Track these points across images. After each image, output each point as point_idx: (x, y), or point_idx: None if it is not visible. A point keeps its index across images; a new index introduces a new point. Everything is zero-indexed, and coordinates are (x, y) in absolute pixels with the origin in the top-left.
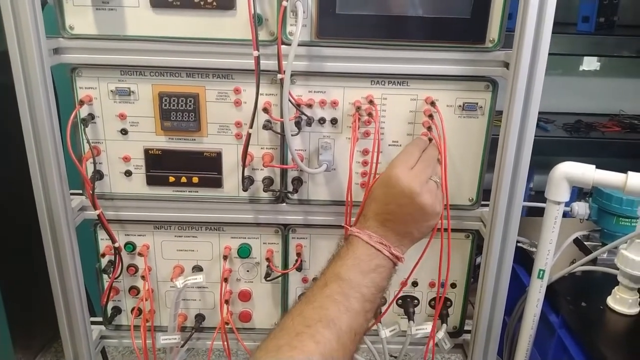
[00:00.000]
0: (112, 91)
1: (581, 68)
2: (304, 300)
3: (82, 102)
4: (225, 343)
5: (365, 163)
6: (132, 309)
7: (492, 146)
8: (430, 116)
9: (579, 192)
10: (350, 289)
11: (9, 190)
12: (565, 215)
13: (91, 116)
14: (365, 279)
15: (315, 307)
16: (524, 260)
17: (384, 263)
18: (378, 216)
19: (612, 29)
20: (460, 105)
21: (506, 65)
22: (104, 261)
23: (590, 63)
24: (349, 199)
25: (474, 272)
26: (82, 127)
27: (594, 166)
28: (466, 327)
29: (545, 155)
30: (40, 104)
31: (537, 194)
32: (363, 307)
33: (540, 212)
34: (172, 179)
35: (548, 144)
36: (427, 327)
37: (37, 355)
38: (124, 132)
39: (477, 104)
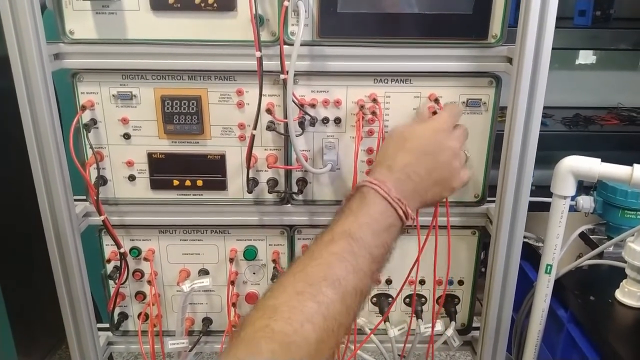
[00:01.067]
0: (114, 95)
1: (577, 62)
2: (307, 255)
3: (84, 108)
4: None
5: (370, 162)
6: (139, 314)
7: (496, 142)
8: (434, 113)
9: (580, 187)
10: (361, 248)
11: (9, 197)
12: (569, 209)
13: (93, 121)
14: (377, 240)
15: (320, 263)
16: (530, 255)
17: (396, 223)
18: (407, 167)
19: (609, 22)
20: (464, 102)
21: (509, 60)
22: (110, 267)
23: (587, 57)
24: None
25: (481, 269)
26: (85, 132)
27: (599, 160)
28: (475, 324)
29: (545, 150)
30: (42, 110)
31: (537, 189)
32: (370, 268)
33: (543, 207)
34: (176, 182)
35: (548, 139)
36: (437, 325)
37: None
38: (126, 136)
39: (480, 100)
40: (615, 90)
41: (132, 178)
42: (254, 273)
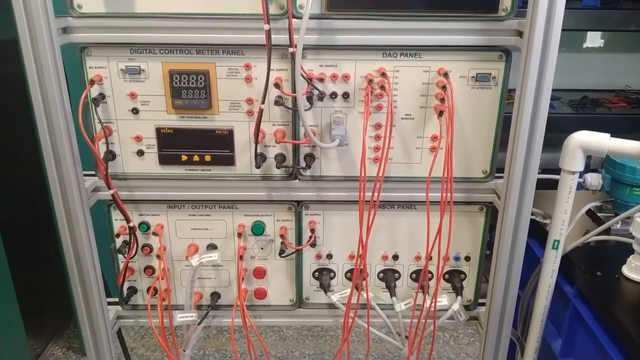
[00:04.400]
0: (122, 70)
1: (585, 45)
2: None
3: (92, 82)
4: (247, 320)
5: (377, 137)
6: (148, 289)
7: (504, 124)
8: (444, 87)
9: (587, 169)
10: None
11: (15, 179)
12: (577, 187)
13: (102, 96)
14: None
15: None
16: (536, 233)
17: None
18: None
19: (618, 3)
20: (473, 76)
21: (520, 34)
22: (119, 241)
23: (594, 40)
24: (363, 174)
25: (486, 251)
26: (93, 107)
27: (608, 135)
28: (481, 301)
29: (552, 132)
30: (51, 84)
31: (544, 172)
32: None
33: (551, 184)
34: (184, 157)
35: (555, 121)
36: (443, 300)
37: (49, 341)
38: (135, 111)
39: (490, 74)
40: (623, 72)
41: (140, 153)
42: (261, 248)
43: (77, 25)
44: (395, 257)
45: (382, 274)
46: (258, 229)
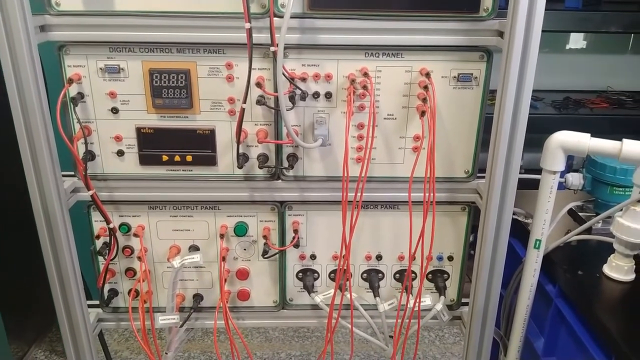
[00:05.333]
0: (101, 69)
1: (568, 47)
2: None
3: (71, 81)
4: (230, 322)
5: (360, 137)
6: (129, 291)
7: (486, 125)
8: (426, 87)
9: (569, 170)
10: None
11: None
12: (558, 187)
13: (80, 95)
14: None
15: None
16: (518, 232)
17: None
18: None
19: (600, 5)
20: (455, 77)
21: (500, 34)
22: (99, 243)
23: (577, 41)
24: (346, 174)
25: (470, 251)
26: (72, 106)
27: (588, 135)
28: (464, 301)
29: (534, 133)
30: (28, 83)
31: (527, 172)
32: None
33: (532, 184)
34: (165, 157)
35: (537, 122)
36: (427, 300)
37: (31, 345)
38: (114, 110)
39: (472, 74)
40: (605, 73)
41: (120, 153)
42: (244, 249)
43: (54, 23)
44: (379, 257)
45: (365, 274)
46: (241, 230)
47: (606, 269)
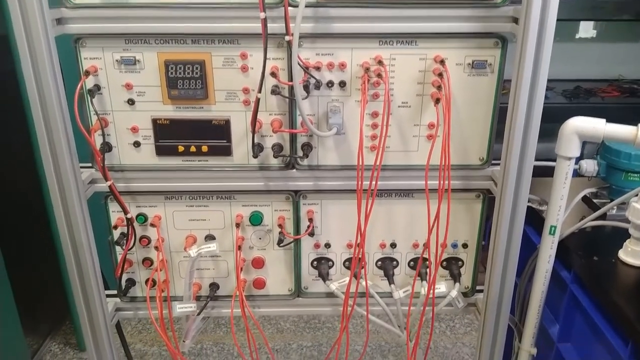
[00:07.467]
0: (117, 61)
1: (578, 36)
2: None
3: (87, 73)
4: (246, 309)
5: (375, 126)
6: (147, 280)
7: (499, 116)
8: (440, 75)
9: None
10: None
11: (10, 174)
12: (573, 174)
13: (97, 87)
14: None
15: None
16: (533, 219)
17: None
18: None
19: None
20: (469, 64)
21: (515, 20)
22: (116, 233)
23: (587, 30)
24: (360, 163)
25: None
26: (89, 98)
27: (604, 120)
28: (479, 288)
29: (545, 122)
30: (46, 76)
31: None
32: None
33: (547, 172)
34: (181, 148)
35: (548, 111)
36: (441, 287)
37: (46, 338)
38: (130, 102)
39: (486, 61)
40: (616, 62)
41: (137, 144)
42: (260, 238)
43: (71, 16)
44: (393, 245)
45: (380, 262)
46: (256, 219)
47: (622, 254)
